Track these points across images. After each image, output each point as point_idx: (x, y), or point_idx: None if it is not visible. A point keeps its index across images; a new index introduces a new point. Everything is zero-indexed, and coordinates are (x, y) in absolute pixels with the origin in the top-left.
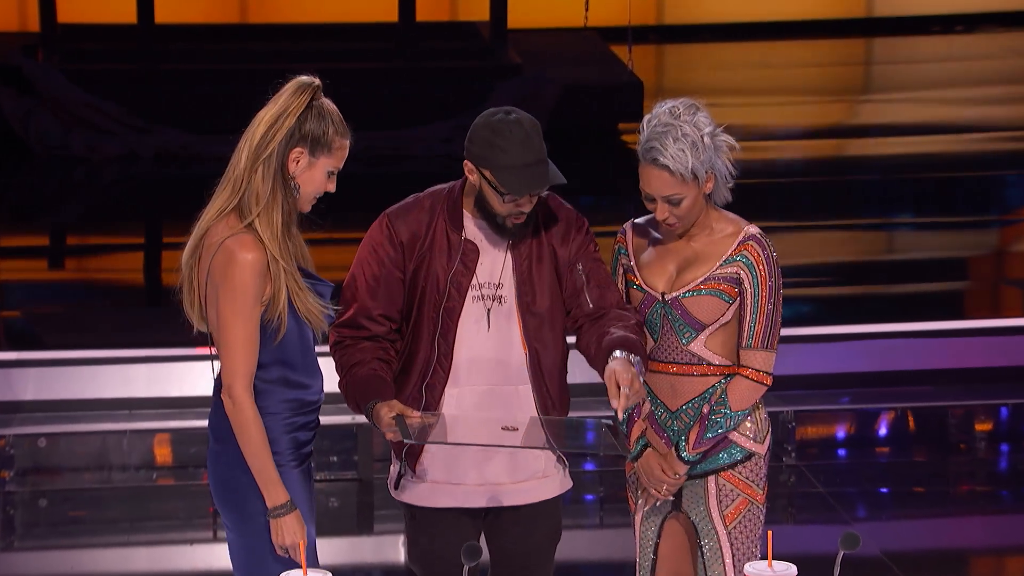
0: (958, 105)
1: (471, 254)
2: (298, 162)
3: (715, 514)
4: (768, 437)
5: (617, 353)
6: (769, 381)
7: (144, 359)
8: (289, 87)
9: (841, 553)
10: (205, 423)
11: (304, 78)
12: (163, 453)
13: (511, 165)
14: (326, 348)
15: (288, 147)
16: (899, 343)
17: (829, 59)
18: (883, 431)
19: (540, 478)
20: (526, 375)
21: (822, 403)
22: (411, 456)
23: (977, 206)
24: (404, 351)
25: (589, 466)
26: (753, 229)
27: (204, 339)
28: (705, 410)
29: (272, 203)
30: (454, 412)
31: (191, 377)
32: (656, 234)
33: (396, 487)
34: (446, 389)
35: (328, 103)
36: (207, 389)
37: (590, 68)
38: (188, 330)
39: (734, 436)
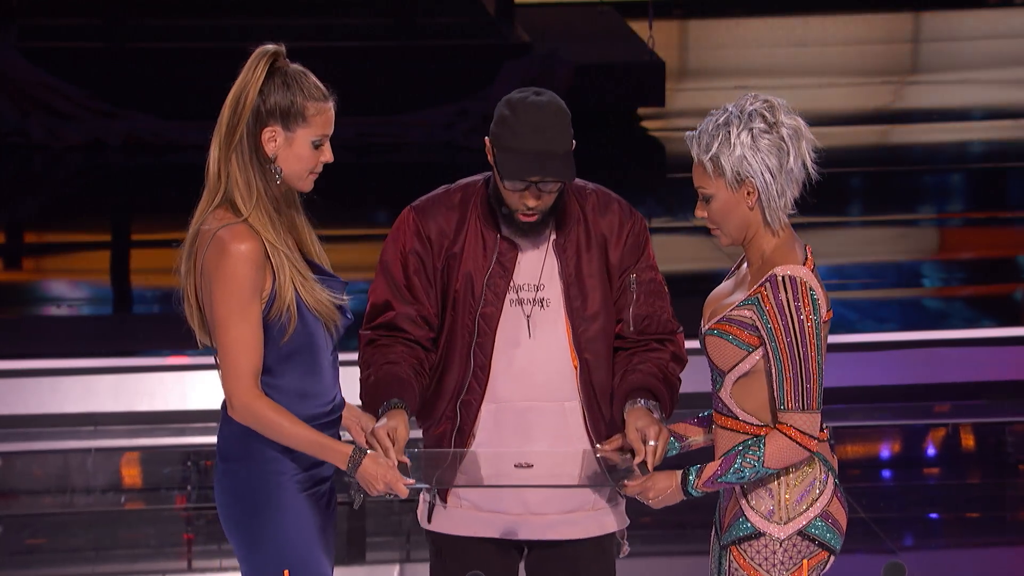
0: (1017, 87)
1: (508, 253)
2: (275, 140)
3: None
4: (799, 520)
5: (641, 402)
6: (813, 446)
7: (111, 369)
8: (247, 61)
9: None
10: (178, 440)
11: (262, 47)
12: (132, 474)
13: (514, 148)
14: (352, 356)
15: (258, 126)
16: (950, 352)
17: (872, 36)
18: (932, 450)
19: (589, 511)
20: (575, 390)
21: (864, 419)
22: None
23: None
24: (437, 366)
25: None
26: (782, 270)
27: (180, 349)
28: (737, 449)
29: (257, 193)
30: (461, 449)
31: (162, 390)
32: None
33: (428, 519)
34: (483, 406)
35: (296, 68)
36: (179, 403)
37: (606, 46)
38: (178, 344)
39: (744, 506)
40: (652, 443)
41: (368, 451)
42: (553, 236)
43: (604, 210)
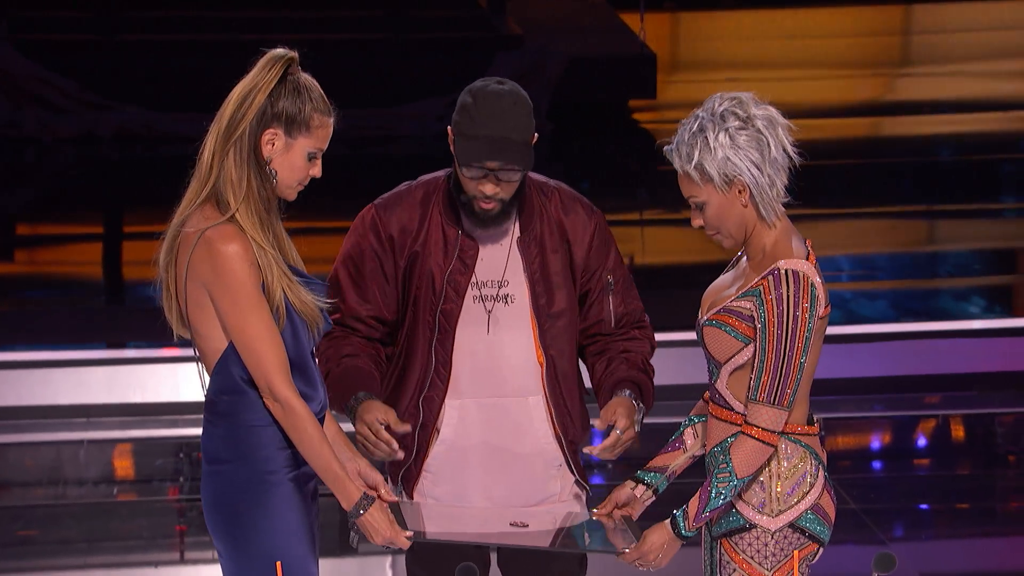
0: (1008, 79)
1: (469, 250)
2: (273, 144)
3: None
4: (791, 513)
5: (627, 392)
6: (776, 441)
7: (103, 361)
8: (260, 61)
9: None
10: (170, 432)
11: (278, 50)
12: (124, 465)
13: (472, 134)
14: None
15: (260, 127)
16: (940, 343)
17: (863, 28)
18: (922, 441)
19: (555, 502)
20: (538, 385)
21: (854, 410)
22: (408, 480)
23: None
24: (399, 361)
25: (596, 479)
26: (786, 264)
27: (177, 341)
28: (709, 477)
29: (248, 191)
30: (464, 505)
31: (154, 382)
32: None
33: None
34: (446, 401)
35: (306, 77)
36: (172, 395)
37: (598, 39)
38: (169, 336)
39: (734, 498)
40: (618, 432)
41: (375, 499)
42: (517, 232)
43: (568, 209)
